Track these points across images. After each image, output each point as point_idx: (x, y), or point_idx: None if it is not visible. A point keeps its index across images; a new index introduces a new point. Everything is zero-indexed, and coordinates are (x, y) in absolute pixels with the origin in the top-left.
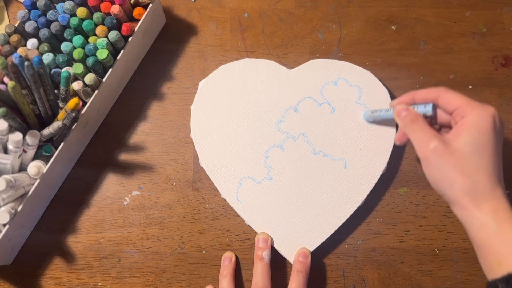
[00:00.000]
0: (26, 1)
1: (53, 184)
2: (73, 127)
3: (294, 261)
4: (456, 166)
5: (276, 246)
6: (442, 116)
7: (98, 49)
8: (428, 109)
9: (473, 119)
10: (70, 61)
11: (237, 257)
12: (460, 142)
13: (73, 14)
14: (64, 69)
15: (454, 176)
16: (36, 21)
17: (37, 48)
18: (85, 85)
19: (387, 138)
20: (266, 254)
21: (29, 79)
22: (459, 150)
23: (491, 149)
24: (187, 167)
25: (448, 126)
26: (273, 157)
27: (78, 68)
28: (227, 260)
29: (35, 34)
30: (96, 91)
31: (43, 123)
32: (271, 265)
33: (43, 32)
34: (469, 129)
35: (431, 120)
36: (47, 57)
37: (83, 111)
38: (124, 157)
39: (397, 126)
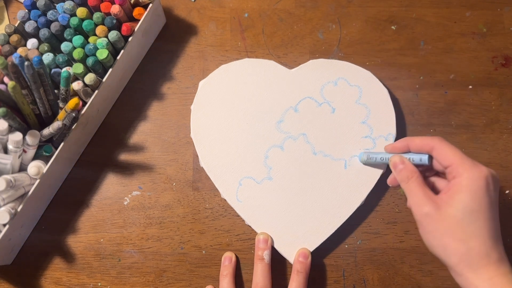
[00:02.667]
0: (26, 1)
1: (53, 184)
2: (73, 127)
3: (294, 261)
4: (449, 232)
5: (276, 246)
6: (438, 165)
7: (98, 49)
8: (424, 161)
9: (466, 183)
10: (70, 61)
11: (237, 257)
12: (453, 208)
13: (73, 14)
14: (64, 69)
15: (447, 242)
16: (36, 21)
17: (37, 48)
18: (85, 85)
19: (387, 138)
20: (266, 255)
21: (29, 79)
22: (452, 215)
23: (485, 213)
24: (187, 167)
25: (444, 174)
26: (273, 157)
27: (78, 68)
28: (227, 260)
29: (35, 34)
30: (96, 91)
31: (43, 123)
32: (271, 265)
33: (43, 32)
34: (461, 193)
35: (427, 167)
36: (47, 57)
37: (83, 111)
38: (124, 157)
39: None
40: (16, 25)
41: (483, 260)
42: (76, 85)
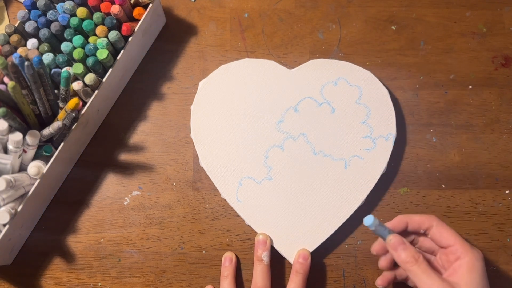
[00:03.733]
0: (26, 1)
1: (53, 184)
2: (73, 127)
3: (294, 261)
4: None
5: (276, 246)
6: (424, 242)
7: (98, 49)
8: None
9: (471, 262)
10: (70, 61)
11: (237, 257)
12: (466, 286)
13: (73, 14)
14: (64, 69)
15: None
16: (36, 21)
17: (37, 48)
18: (85, 85)
19: (387, 138)
20: (265, 256)
21: (29, 79)
22: None
23: None
24: (187, 167)
25: (428, 252)
26: (273, 157)
27: (78, 68)
28: (228, 261)
29: (35, 34)
30: (96, 91)
31: (43, 123)
32: (271, 265)
33: (43, 32)
34: (472, 273)
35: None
36: (47, 57)
37: (83, 111)
38: (124, 157)
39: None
40: (16, 25)
41: None
42: (76, 85)
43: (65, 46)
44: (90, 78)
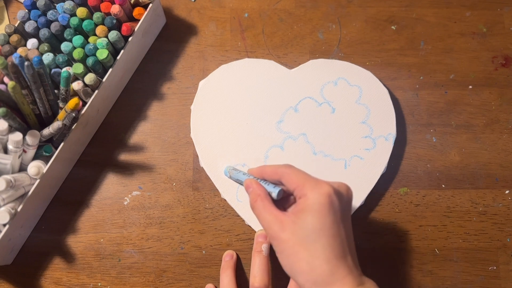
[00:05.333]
0: (26, 1)
1: (53, 184)
2: (73, 127)
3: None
4: (294, 252)
5: None
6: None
7: (98, 49)
8: (274, 194)
9: (308, 202)
10: (70, 61)
11: (238, 256)
12: (296, 227)
13: (73, 14)
14: (64, 69)
15: (293, 262)
16: (36, 21)
17: (37, 48)
18: (85, 85)
19: (387, 138)
20: (264, 247)
21: (29, 79)
22: (296, 235)
23: (329, 231)
24: (187, 167)
25: None
26: (273, 157)
27: (78, 68)
28: (228, 256)
29: (35, 34)
30: (96, 91)
31: (43, 123)
32: (270, 260)
33: (43, 32)
34: (304, 213)
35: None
36: (47, 57)
37: (83, 111)
38: (124, 157)
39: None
40: (16, 25)
41: (328, 278)
42: (76, 85)
43: (65, 46)
44: (90, 78)
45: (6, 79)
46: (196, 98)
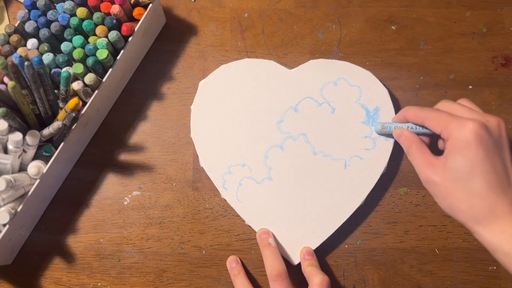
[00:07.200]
0: (26, 1)
1: (53, 184)
2: (73, 127)
3: (302, 260)
4: (450, 194)
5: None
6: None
7: (98, 49)
8: (424, 129)
9: (455, 143)
10: (70, 61)
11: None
12: (447, 170)
13: (73, 14)
14: (64, 69)
15: (451, 203)
16: (36, 21)
17: (37, 48)
18: (85, 85)
19: (387, 138)
20: (271, 240)
21: (29, 79)
22: (447, 178)
23: (481, 167)
24: (187, 167)
25: None
26: (273, 157)
27: (78, 68)
28: (234, 262)
29: (35, 34)
30: (96, 91)
31: (43, 123)
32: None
33: (43, 32)
34: (452, 154)
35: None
36: (47, 57)
37: (83, 111)
38: (124, 157)
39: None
40: (16, 25)
41: (489, 216)
42: (76, 85)
43: (65, 46)
44: (90, 78)
45: (6, 79)
46: (196, 98)
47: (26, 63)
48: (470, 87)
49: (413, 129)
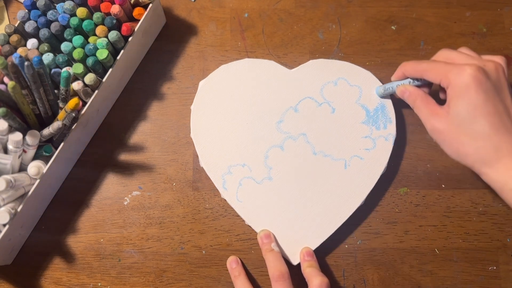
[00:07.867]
0: (26, 1)
1: (53, 184)
2: (73, 127)
3: (302, 261)
4: (455, 139)
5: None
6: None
7: (98, 49)
8: (423, 81)
9: (454, 89)
10: (70, 61)
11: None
12: (450, 117)
13: (73, 14)
14: (64, 69)
15: (457, 148)
16: (36, 21)
17: (37, 48)
18: (85, 85)
19: (387, 138)
20: (274, 246)
21: (29, 79)
22: (451, 124)
23: (482, 109)
24: (187, 167)
25: None
26: (273, 157)
27: (78, 68)
28: (234, 263)
29: (35, 34)
30: (96, 91)
31: (43, 123)
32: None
33: (43, 32)
34: (452, 101)
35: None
36: (47, 57)
37: (83, 111)
38: (124, 157)
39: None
40: (16, 25)
41: (494, 155)
42: (76, 85)
43: (65, 46)
44: (90, 78)
45: (6, 79)
46: (196, 98)
47: (26, 63)
48: None
49: (413, 83)
